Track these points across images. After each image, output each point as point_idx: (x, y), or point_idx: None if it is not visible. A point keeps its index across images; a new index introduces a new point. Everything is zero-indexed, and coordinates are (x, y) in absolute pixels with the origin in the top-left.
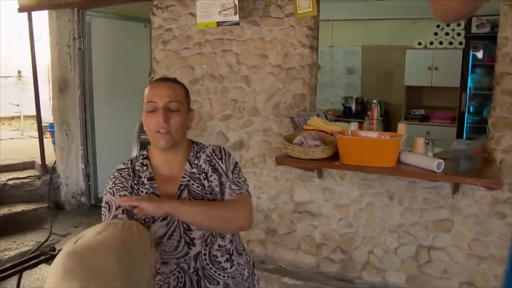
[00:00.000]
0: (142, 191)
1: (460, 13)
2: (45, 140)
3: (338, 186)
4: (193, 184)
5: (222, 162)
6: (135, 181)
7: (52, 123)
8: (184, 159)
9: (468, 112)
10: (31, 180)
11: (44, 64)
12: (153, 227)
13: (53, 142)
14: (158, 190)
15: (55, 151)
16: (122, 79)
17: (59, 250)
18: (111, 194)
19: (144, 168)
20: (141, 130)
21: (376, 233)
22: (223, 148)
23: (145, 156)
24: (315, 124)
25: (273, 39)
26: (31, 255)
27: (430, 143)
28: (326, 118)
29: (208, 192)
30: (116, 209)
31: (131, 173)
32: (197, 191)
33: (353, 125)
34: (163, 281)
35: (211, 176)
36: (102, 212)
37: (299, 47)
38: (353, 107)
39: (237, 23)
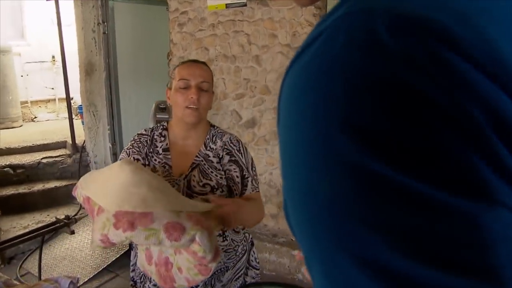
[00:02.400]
0: (155, 160)
1: None
2: (75, 121)
3: None
4: (205, 164)
5: (242, 156)
6: (151, 149)
7: (80, 105)
8: (201, 139)
9: None
10: (63, 158)
11: (75, 48)
12: None
13: (83, 123)
14: (171, 162)
15: (84, 131)
16: (145, 61)
17: (71, 219)
18: (127, 154)
19: (162, 138)
20: (157, 110)
21: None
22: (240, 141)
23: (164, 127)
24: None
25: (281, 19)
26: (50, 223)
27: None
28: None
29: (219, 176)
30: None
31: (149, 141)
32: (207, 172)
33: None
34: None
35: (231, 165)
36: None
37: (306, 26)
38: None
39: (245, 5)
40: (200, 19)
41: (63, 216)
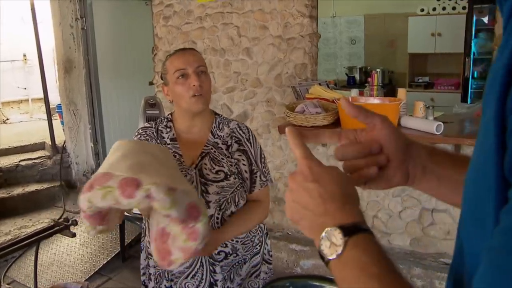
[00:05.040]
0: None
1: None
2: (54, 121)
3: None
4: (215, 152)
5: (251, 146)
6: (158, 141)
7: (59, 104)
8: (207, 127)
9: (472, 77)
10: (42, 160)
11: (48, 46)
12: None
13: (62, 123)
14: (180, 151)
15: (64, 131)
16: (125, 57)
17: (72, 221)
18: None
19: (168, 129)
20: (147, 106)
21: (380, 198)
22: (250, 129)
23: (169, 119)
24: (317, 93)
25: (272, 10)
26: (46, 227)
27: (430, 107)
28: (328, 87)
29: (229, 163)
30: None
31: (155, 133)
32: (218, 159)
33: (354, 92)
34: None
35: (240, 155)
36: None
37: (298, 17)
38: (357, 77)
39: None
40: (187, 11)
41: (47, 220)
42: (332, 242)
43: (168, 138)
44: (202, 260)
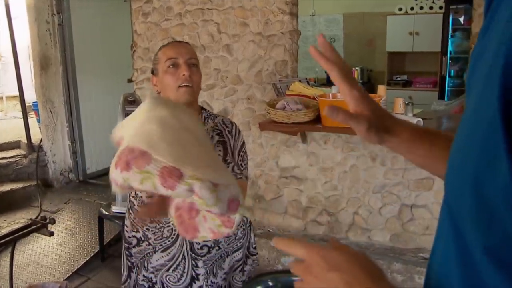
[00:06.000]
0: None
1: None
2: (29, 120)
3: (322, 150)
4: None
5: (231, 137)
6: None
7: (35, 102)
8: None
9: (449, 75)
10: (17, 159)
11: (23, 43)
12: None
13: (38, 121)
14: None
15: (40, 129)
16: (104, 53)
17: (50, 219)
18: None
19: None
20: (126, 103)
21: (360, 194)
22: (235, 123)
23: None
24: (297, 89)
25: (253, 7)
26: (23, 226)
27: (410, 104)
28: (308, 84)
29: None
30: None
31: None
32: None
33: (334, 89)
34: (158, 229)
35: (218, 146)
36: None
37: (279, 14)
38: None
39: None
40: (166, 8)
41: (22, 220)
42: None
43: None
44: (184, 253)
